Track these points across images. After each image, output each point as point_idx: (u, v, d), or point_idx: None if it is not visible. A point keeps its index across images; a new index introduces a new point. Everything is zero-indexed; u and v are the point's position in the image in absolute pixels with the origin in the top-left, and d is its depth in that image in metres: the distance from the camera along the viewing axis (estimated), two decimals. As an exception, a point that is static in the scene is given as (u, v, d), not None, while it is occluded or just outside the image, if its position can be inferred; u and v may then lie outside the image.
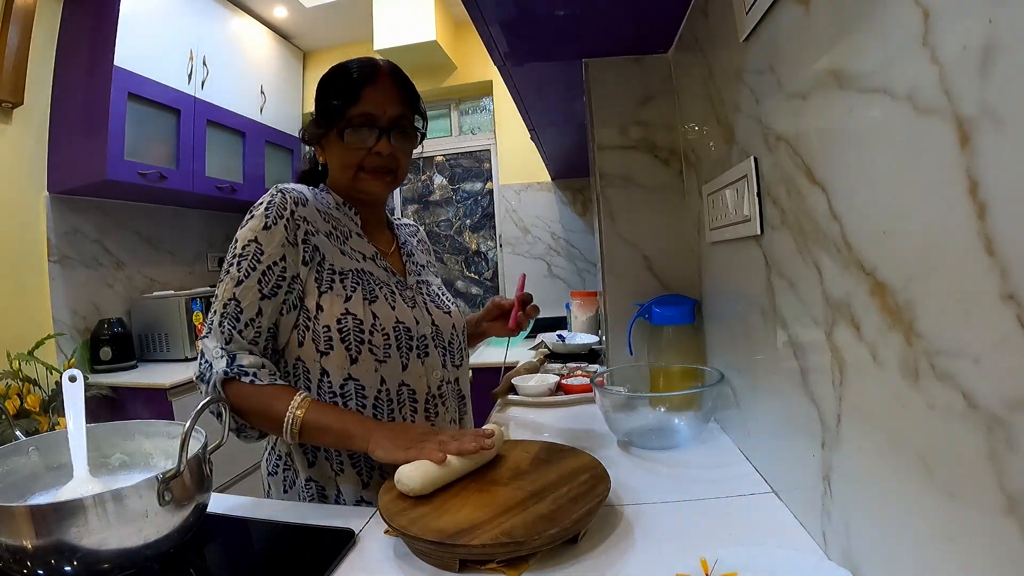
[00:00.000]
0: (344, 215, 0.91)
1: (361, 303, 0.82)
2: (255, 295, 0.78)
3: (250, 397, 0.77)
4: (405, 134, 0.87)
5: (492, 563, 0.60)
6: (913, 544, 0.44)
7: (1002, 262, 0.33)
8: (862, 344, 0.49)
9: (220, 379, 0.76)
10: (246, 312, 0.78)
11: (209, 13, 2.64)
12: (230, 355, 0.77)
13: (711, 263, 1.06)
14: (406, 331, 0.85)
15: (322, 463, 0.86)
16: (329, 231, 0.86)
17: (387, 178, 0.88)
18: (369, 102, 0.84)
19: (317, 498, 0.86)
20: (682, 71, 1.17)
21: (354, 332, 0.81)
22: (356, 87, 0.84)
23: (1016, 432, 0.32)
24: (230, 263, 0.79)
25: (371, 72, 0.85)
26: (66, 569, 0.54)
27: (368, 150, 0.84)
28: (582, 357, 1.84)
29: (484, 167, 3.41)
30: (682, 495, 0.77)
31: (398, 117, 0.86)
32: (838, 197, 0.53)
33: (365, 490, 0.85)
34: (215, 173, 2.64)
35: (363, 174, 0.86)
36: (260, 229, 0.79)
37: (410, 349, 0.85)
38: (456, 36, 3.19)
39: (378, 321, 0.82)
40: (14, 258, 2.06)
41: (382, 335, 0.82)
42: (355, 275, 0.84)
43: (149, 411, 2.01)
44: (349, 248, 0.87)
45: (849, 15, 0.48)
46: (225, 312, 0.78)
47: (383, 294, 0.85)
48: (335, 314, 0.81)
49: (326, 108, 0.86)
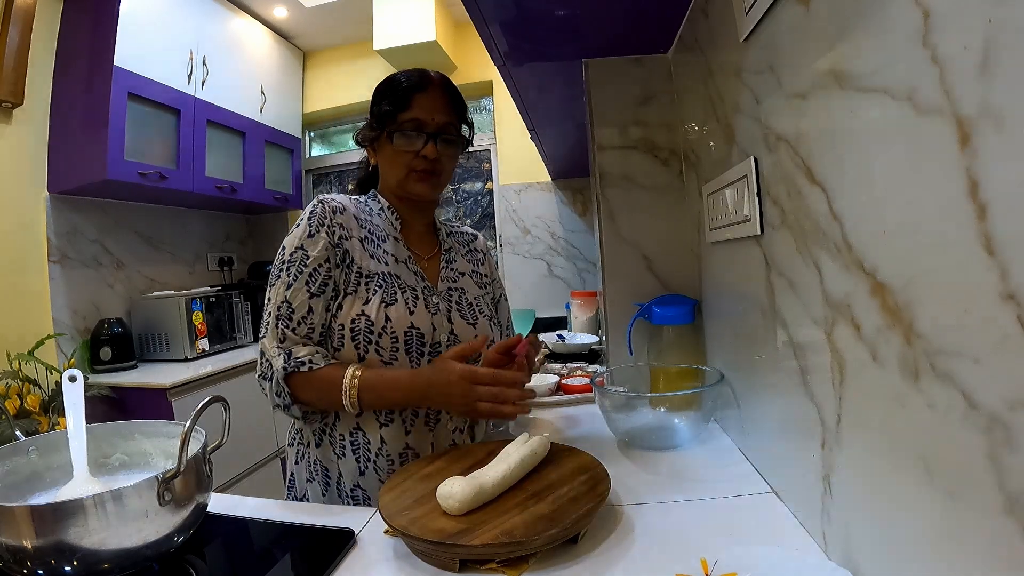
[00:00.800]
0: (385, 220, 0.95)
1: (377, 306, 0.86)
2: (304, 295, 0.84)
3: (311, 382, 0.83)
4: (451, 141, 0.93)
5: (492, 563, 0.60)
6: (913, 544, 0.44)
7: (1002, 262, 0.33)
8: (862, 344, 0.49)
9: (282, 375, 0.82)
10: (298, 311, 0.84)
11: (209, 13, 2.64)
12: (286, 351, 0.83)
13: (711, 263, 1.06)
14: (419, 336, 0.87)
15: (326, 446, 0.90)
16: (364, 236, 0.91)
17: (432, 180, 0.92)
18: (419, 108, 0.89)
19: (321, 476, 0.90)
20: (682, 71, 1.17)
21: (364, 333, 0.85)
22: (408, 94, 0.90)
23: (1016, 432, 0.32)
24: (280, 269, 0.86)
25: (422, 81, 0.91)
26: (66, 569, 0.54)
27: (415, 153, 0.89)
28: (582, 357, 1.84)
29: (484, 167, 3.41)
30: (682, 495, 0.77)
31: (445, 124, 0.91)
32: (838, 197, 0.53)
33: (362, 477, 0.88)
34: (215, 173, 2.64)
35: (411, 175, 0.91)
36: (305, 237, 0.86)
37: (421, 355, 0.87)
38: (456, 36, 3.19)
39: (389, 324, 0.85)
40: (14, 258, 2.06)
41: (391, 338, 0.85)
42: (380, 278, 0.88)
43: (149, 411, 2.01)
44: (382, 252, 0.91)
45: (849, 15, 0.48)
46: (279, 314, 0.84)
47: (404, 298, 0.88)
48: (351, 314, 0.85)
49: (379, 113, 0.92)
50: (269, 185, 3.06)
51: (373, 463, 0.87)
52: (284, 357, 0.82)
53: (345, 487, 0.88)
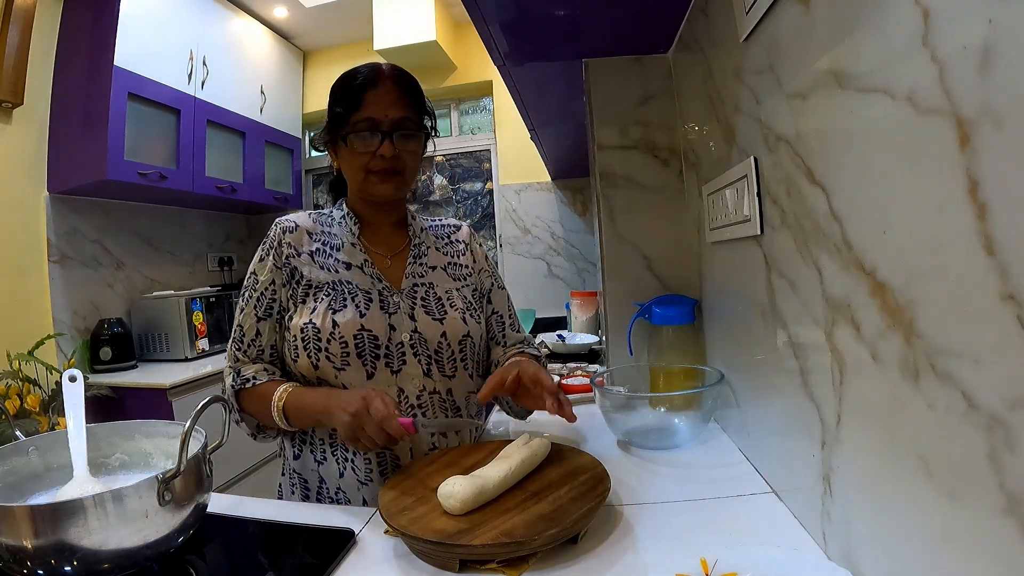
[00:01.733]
0: (343, 228, 0.94)
1: (324, 313, 0.85)
2: (253, 319, 0.89)
3: (253, 398, 0.86)
4: (409, 136, 0.88)
5: (492, 563, 0.60)
6: (913, 544, 0.44)
7: (1002, 262, 0.33)
8: (862, 344, 0.49)
9: (231, 392, 0.87)
10: (247, 334, 0.89)
11: (209, 13, 2.64)
12: (236, 371, 0.88)
13: (711, 263, 1.06)
14: (372, 338, 0.85)
15: (306, 455, 0.90)
16: (316, 249, 0.91)
17: (395, 179, 0.89)
18: (371, 106, 0.85)
19: (300, 488, 0.90)
20: (682, 71, 1.17)
21: (312, 341, 0.84)
22: (358, 93, 0.86)
23: (1016, 432, 0.32)
24: (240, 295, 0.91)
25: (372, 77, 0.87)
26: (66, 569, 0.54)
27: (372, 154, 0.86)
28: (582, 357, 1.84)
29: (484, 167, 3.41)
30: (682, 495, 0.77)
31: (401, 119, 0.87)
32: (838, 197, 0.53)
33: (341, 479, 0.87)
34: (215, 173, 2.64)
35: (371, 177, 0.88)
36: (257, 262, 0.91)
37: (376, 357, 0.85)
38: (456, 36, 3.19)
39: (337, 330, 0.84)
40: (14, 258, 2.06)
41: (339, 343, 0.84)
42: (329, 286, 0.88)
43: (149, 411, 2.01)
44: (333, 260, 0.90)
45: (849, 15, 0.48)
46: (234, 337, 0.90)
47: (355, 302, 0.86)
48: (299, 324, 0.86)
49: (333, 115, 0.89)
50: (269, 185, 3.06)
51: (351, 463, 0.86)
52: (233, 376, 0.87)
53: (328, 492, 0.88)
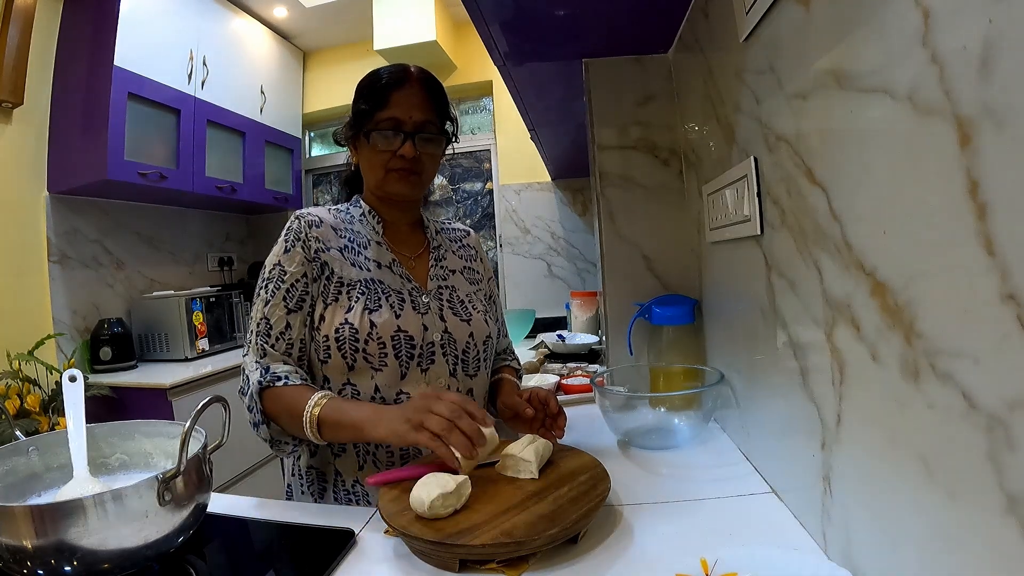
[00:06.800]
0: (366, 225, 0.94)
1: (360, 313, 0.84)
2: (282, 311, 0.84)
3: (281, 398, 0.80)
4: (430, 138, 0.90)
5: (492, 563, 0.60)
6: (913, 544, 0.44)
7: (1002, 262, 0.33)
8: (862, 344, 0.49)
9: (256, 389, 0.81)
10: (276, 327, 0.84)
11: (209, 13, 2.64)
12: (264, 366, 0.82)
13: (711, 263, 1.06)
14: (408, 339, 0.86)
15: (323, 449, 0.89)
16: (344, 245, 0.90)
17: (412, 179, 0.90)
18: (396, 106, 0.87)
19: (317, 485, 0.89)
20: (682, 71, 1.17)
21: (349, 341, 0.83)
22: (385, 92, 0.88)
23: (1016, 432, 0.32)
24: (260, 287, 0.87)
25: (400, 77, 0.89)
26: (66, 569, 0.54)
27: (393, 153, 0.87)
28: (582, 357, 1.84)
29: (484, 167, 3.41)
30: (682, 495, 0.77)
31: (423, 122, 0.88)
32: (838, 197, 0.53)
33: (360, 471, 0.87)
34: (215, 173, 2.64)
35: (390, 175, 0.89)
36: (282, 253, 0.87)
37: (411, 357, 0.86)
38: (456, 36, 3.19)
39: (375, 330, 0.84)
40: (14, 258, 2.06)
41: (377, 343, 0.84)
42: (363, 285, 0.87)
43: (149, 411, 2.01)
44: (363, 258, 0.90)
45: (849, 15, 0.48)
46: (258, 330, 0.84)
47: (390, 302, 0.87)
48: (334, 324, 0.84)
49: (357, 111, 0.90)
50: (269, 185, 3.06)
51: (372, 456, 0.87)
52: (261, 372, 0.82)
53: (344, 485, 0.88)
